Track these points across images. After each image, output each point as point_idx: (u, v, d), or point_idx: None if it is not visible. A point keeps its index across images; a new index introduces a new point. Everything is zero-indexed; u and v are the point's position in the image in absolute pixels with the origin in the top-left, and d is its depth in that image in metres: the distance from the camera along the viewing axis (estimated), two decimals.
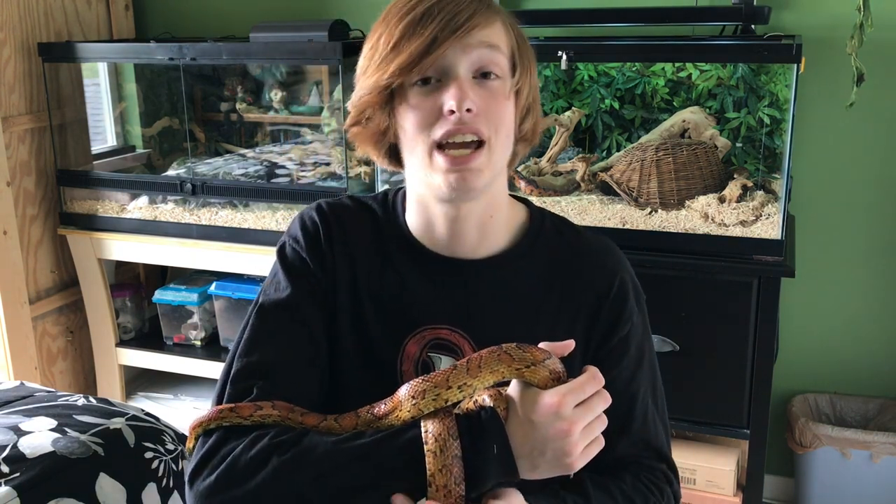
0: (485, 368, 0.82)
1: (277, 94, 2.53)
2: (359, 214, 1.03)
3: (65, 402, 1.42)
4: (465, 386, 0.82)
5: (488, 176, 0.92)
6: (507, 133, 0.93)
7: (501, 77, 0.91)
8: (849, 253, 2.25)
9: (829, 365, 2.33)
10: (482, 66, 0.90)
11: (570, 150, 2.26)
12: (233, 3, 2.67)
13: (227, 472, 0.84)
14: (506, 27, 0.93)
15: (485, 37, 0.89)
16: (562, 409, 0.80)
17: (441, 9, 0.88)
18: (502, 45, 0.91)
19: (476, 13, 0.89)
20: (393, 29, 0.89)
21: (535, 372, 0.82)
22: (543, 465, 0.82)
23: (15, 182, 2.36)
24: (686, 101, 2.18)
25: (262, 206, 2.31)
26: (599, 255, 1.03)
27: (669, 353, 1.93)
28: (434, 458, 0.80)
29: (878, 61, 2.07)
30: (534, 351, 0.82)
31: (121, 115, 2.77)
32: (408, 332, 0.97)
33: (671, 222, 1.96)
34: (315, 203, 1.04)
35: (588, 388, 0.82)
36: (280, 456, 0.83)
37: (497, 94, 0.91)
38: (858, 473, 2.12)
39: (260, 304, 0.98)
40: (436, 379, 0.82)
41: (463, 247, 0.99)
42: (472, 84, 0.89)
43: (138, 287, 2.69)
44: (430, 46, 0.87)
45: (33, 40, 2.40)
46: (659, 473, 1.01)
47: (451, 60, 0.89)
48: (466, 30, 0.88)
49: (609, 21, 2.22)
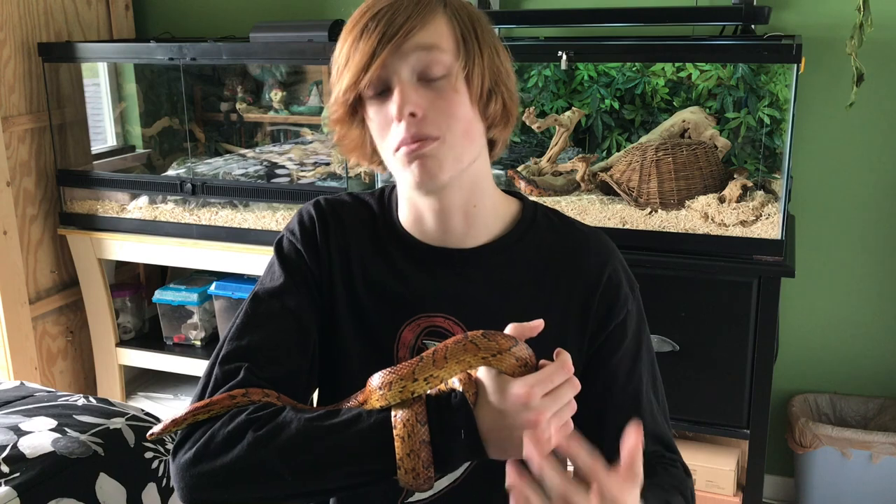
0: (451, 359, 0.83)
1: (277, 94, 2.53)
2: (356, 210, 1.06)
3: (65, 402, 1.42)
4: (432, 378, 0.83)
5: (452, 168, 0.93)
6: (464, 126, 0.93)
7: (446, 74, 0.92)
8: (849, 253, 2.26)
9: (829, 365, 2.33)
10: (422, 68, 0.91)
11: (570, 150, 2.26)
12: (233, 3, 2.67)
13: (205, 445, 0.87)
14: (449, 19, 0.93)
15: (421, 39, 0.90)
16: (529, 399, 0.80)
17: (379, 19, 0.90)
18: (442, 41, 0.92)
19: (411, 16, 0.90)
20: (342, 44, 0.93)
21: (501, 360, 0.82)
22: (511, 449, 0.82)
23: (15, 182, 2.36)
24: (686, 101, 2.18)
25: (262, 206, 2.31)
26: (591, 243, 1.04)
27: (669, 353, 1.93)
28: (402, 443, 0.82)
29: (878, 61, 2.07)
30: (499, 339, 0.83)
31: (121, 115, 2.77)
32: (403, 320, 1.00)
33: (671, 222, 1.96)
34: (314, 199, 1.07)
35: (556, 378, 0.82)
36: (255, 431, 0.85)
37: (443, 92, 0.91)
38: (858, 473, 2.12)
39: (255, 292, 1.01)
40: (402, 371, 0.83)
41: (452, 236, 1.01)
42: (416, 87, 0.91)
43: (138, 287, 2.69)
44: (371, 60, 0.89)
45: (33, 40, 2.40)
46: (679, 465, 1.02)
47: (391, 69, 0.90)
48: (401, 37, 0.89)
49: (609, 21, 2.22)
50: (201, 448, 0.87)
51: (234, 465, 0.85)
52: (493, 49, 0.96)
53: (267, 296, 1.00)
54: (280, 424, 0.86)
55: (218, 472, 0.86)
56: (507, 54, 0.99)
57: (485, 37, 0.95)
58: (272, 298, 0.99)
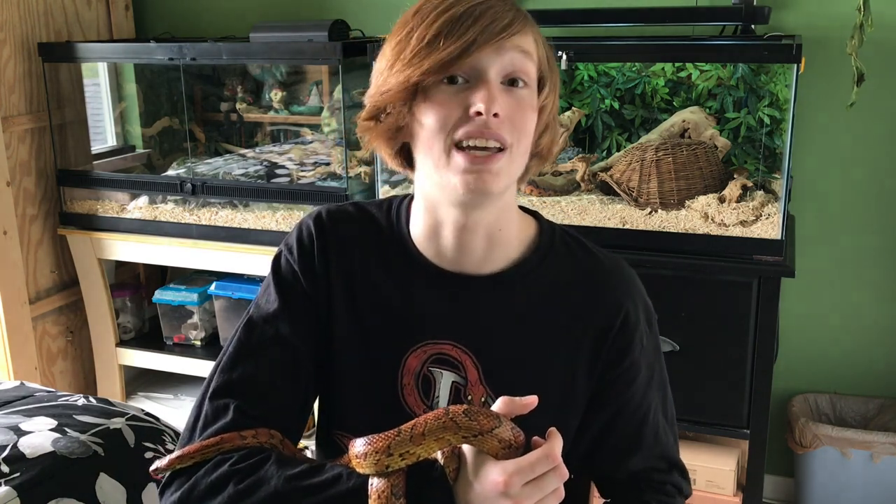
0: (429, 436, 0.80)
1: (277, 94, 2.53)
2: (360, 224, 1.02)
3: (65, 402, 1.42)
4: (408, 454, 0.81)
5: (505, 182, 0.90)
6: (527, 144, 0.92)
7: (529, 86, 0.90)
8: (849, 253, 2.25)
9: (829, 365, 2.33)
10: (513, 70, 0.89)
11: (570, 150, 2.26)
12: (233, 3, 2.67)
13: (188, 492, 0.88)
14: (537, 41, 0.92)
15: (520, 42, 0.89)
16: (508, 488, 0.77)
17: (482, 12, 0.87)
18: (534, 54, 0.91)
19: (515, 20, 0.88)
20: (429, 26, 0.87)
21: (483, 441, 0.79)
22: None
23: (15, 182, 2.36)
24: (686, 101, 2.18)
25: (262, 206, 2.31)
26: (611, 277, 1.00)
27: (669, 353, 1.92)
28: None
29: (878, 61, 2.07)
30: (482, 419, 0.79)
31: (121, 115, 2.77)
32: (409, 346, 0.96)
33: (671, 222, 1.96)
34: (316, 211, 1.02)
35: (538, 468, 0.78)
36: (236, 484, 0.86)
37: (523, 102, 0.90)
38: (858, 473, 2.12)
39: (249, 316, 0.99)
40: (378, 444, 0.82)
41: (469, 259, 0.97)
42: (501, 90, 0.88)
43: (138, 287, 2.69)
44: (469, 48, 0.86)
45: (33, 40, 2.40)
46: (669, 488, 1.01)
47: (484, 63, 0.87)
48: (505, 36, 0.87)
49: (609, 21, 2.22)
50: (185, 494, 0.88)
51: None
52: (558, 87, 0.96)
53: (261, 321, 0.97)
54: (260, 479, 0.86)
55: None
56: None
57: (557, 73, 0.95)
58: (266, 324, 0.97)
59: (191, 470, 0.90)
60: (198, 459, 0.90)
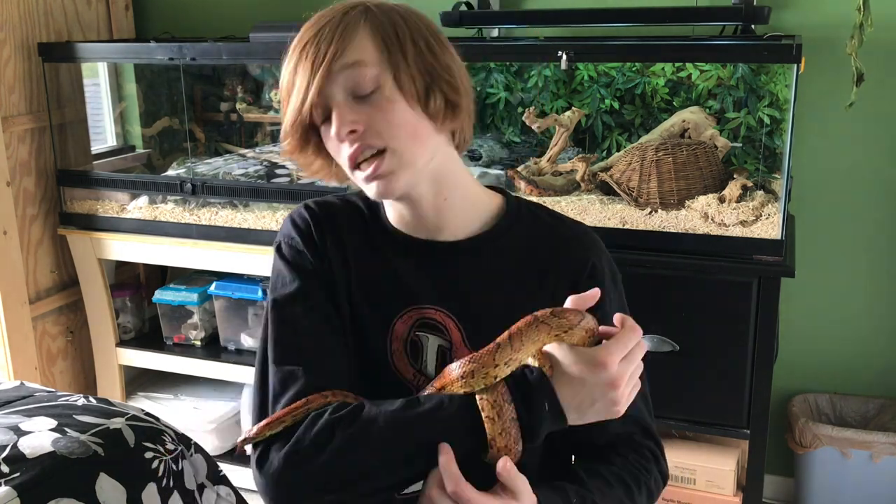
0: (526, 341, 0.87)
1: (277, 94, 2.53)
2: (345, 209, 1.09)
3: (65, 402, 1.42)
4: (512, 360, 0.87)
5: (407, 174, 0.96)
6: (409, 130, 0.95)
7: (377, 87, 0.94)
8: (849, 253, 2.25)
9: (829, 365, 2.33)
10: (352, 87, 0.93)
11: (570, 150, 2.26)
12: (233, 3, 2.67)
13: (293, 451, 0.89)
14: (371, 32, 0.94)
15: (345, 59, 0.93)
16: (611, 367, 0.86)
17: (308, 49, 0.94)
18: (366, 54, 0.93)
19: (334, 40, 0.93)
20: (283, 75, 0.98)
21: (572, 335, 0.88)
22: (591, 413, 0.88)
23: (15, 182, 2.36)
24: (686, 101, 2.18)
25: (262, 206, 2.31)
26: (576, 233, 1.08)
27: (669, 353, 1.92)
28: (492, 424, 0.86)
29: (878, 61, 2.07)
30: (568, 315, 0.88)
31: (121, 115, 2.77)
32: (395, 312, 1.02)
33: (671, 222, 1.96)
34: (302, 203, 1.09)
35: (630, 342, 0.88)
36: (343, 430, 0.88)
37: (377, 103, 0.94)
38: (858, 473, 2.12)
39: (273, 300, 1.03)
40: (483, 359, 0.87)
41: (430, 230, 1.04)
42: (352, 105, 0.93)
43: (138, 287, 2.69)
44: (307, 91, 0.93)
45: (33, 40, 2.40)
46: (646, 451, 1.05)
47: (326, 94, 0.94)
48: (328, 62, 0.92)
49: (609, 21, 2.22)
50: (290, 454, 0.89)
51: (328, 465, 0.87)
52: (426, 46, 0.96)
53: (288, 302, 1.01)
54: (366, 420, 0.88)
55: (313, 476, 0.88)
56: (444, 47, 0.98)
57: (411, 38, 0.95)
58: (294, 303, 1.01)
59: (284, 434, 0.91)
60: (288, 423, 0.91)
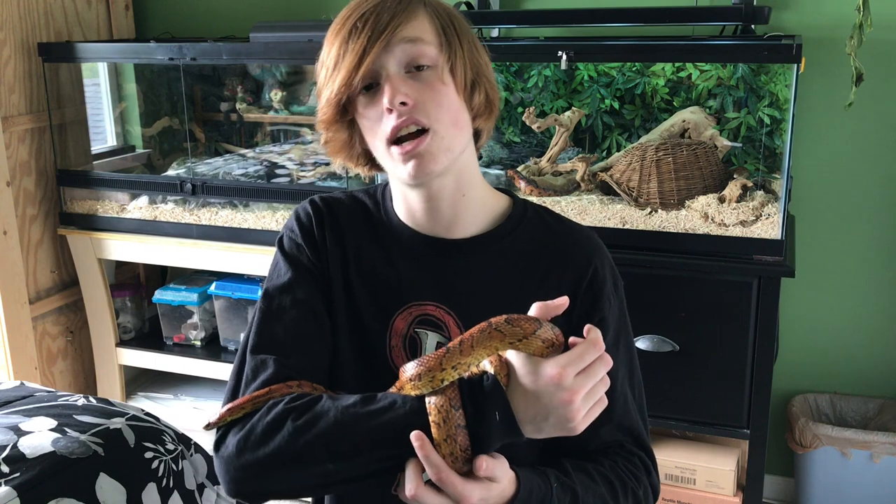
0: (477, 346, 0.85)
1: (277, 94, 2.53)
2: (350, 205, 1.11)
3: (65, 402, 1.42)
4: (459, 365, 0.86)
5: (445, 158, 0.97)
6: (453, 116, 0.97)
7: (432, 66, 0.96)
8: (849, 253, 2.26)
9: (829, 365, 2.33)
10: (409, 60, 0.95)
11: (570, 150, 2.26)
12: (233, 3, 2.67)
13: (246, 437, 0.91)
14: (430, 16, 0.98)
15: (406, 32, 0.95)
16: (563, 380, 0.82)
17: (366, 20, 0.95)
18: (426, 35, 0.96)
19: (396, 13, 0.95)
20: (330, 47, 0.97)
21: (528, 344, 0.85)
22: (547, 428, 0.85)
23: (15, 182, 2.36)
24: (686, 101, 2.18)
25: (262, 206, 2.31)
26: (580, 237, 1.08)
27: (669, 353, 1.93)
28: (438, 429, 0.84)
29: (878, 61, 2.07)
30: (523, 323, 0.85)
31: (121, 115, 2.77)
32: (395, 309, 1.04)
33: (671, 222, 1.96)
34: (309, 198, 1.12)
35: (588, 356, 0.84)
36: (294, 420, 0.89)
37: (430, 82, 0.96)
38: (858, 473, 2.12)
39: (265, 290, 1.05)
40: (430, 362, 0.86)
41: (442, 226, 1.04)
42: (406, 79, 0.95)
43: (138, 287, 2.69)
44: (361, 58, 0.94)
45: (33, 40, 2.40)
46: (637, 461, 1.04)
47: (379, 64, 0.95)
48: (389, 32, 0.94)
49: (609, 21, 2.22)
50: (242, 440, 0.91)
51: (277, 453, 0.89)
52: (472, 43, 1.01)
53: (278, 291, 1.03)
54: (318, 413, 0.89)
55: (261, 462, 0.89)
56: (484, 49, 1.04)
57: (463, 32, 1.00)
58: (283, 293, 1.03)
59: (243, 420, 0.92)
60: (248, 410, 0.93)
